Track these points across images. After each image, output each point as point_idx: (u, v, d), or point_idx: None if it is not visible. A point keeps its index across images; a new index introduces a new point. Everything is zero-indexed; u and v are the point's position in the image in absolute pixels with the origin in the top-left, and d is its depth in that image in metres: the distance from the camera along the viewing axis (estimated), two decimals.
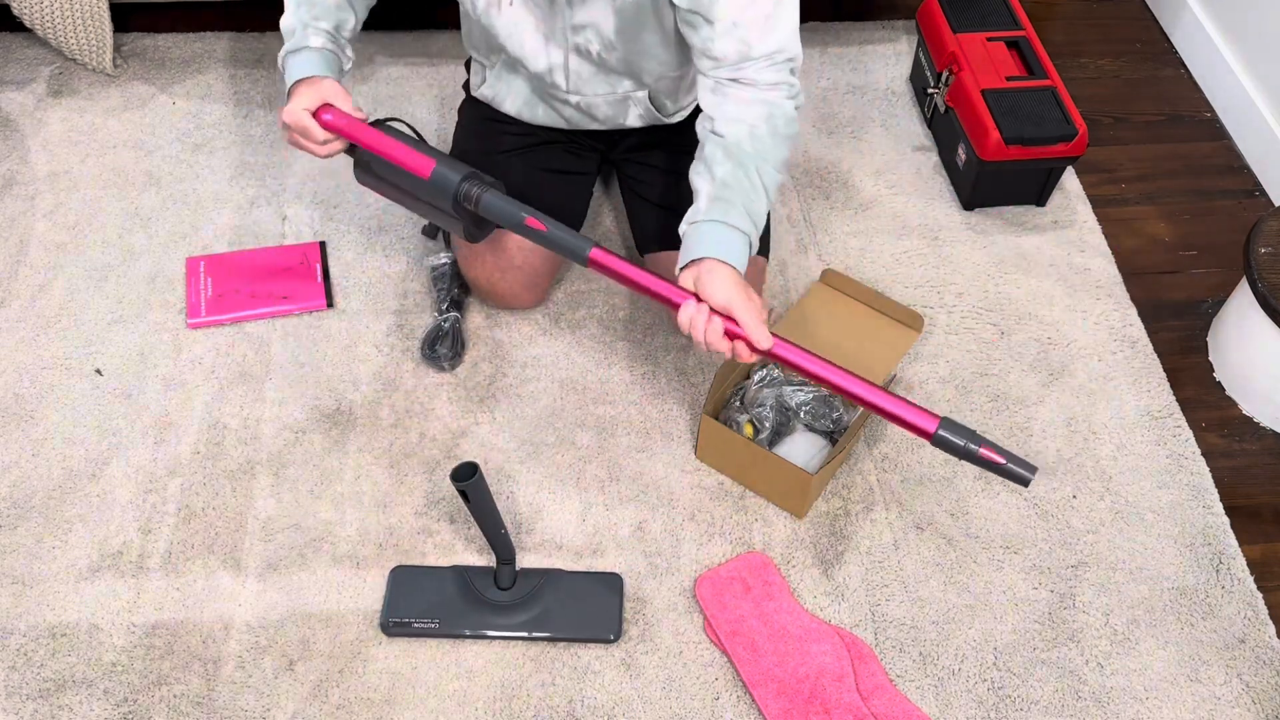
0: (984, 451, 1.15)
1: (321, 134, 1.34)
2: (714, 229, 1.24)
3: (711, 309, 1.20)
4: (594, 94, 1.47)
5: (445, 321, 1.61)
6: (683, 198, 1.51)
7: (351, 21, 1.41)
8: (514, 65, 1.47)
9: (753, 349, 1.21)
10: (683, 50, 1.40)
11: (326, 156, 1.37)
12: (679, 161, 1.54)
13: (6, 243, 1.73)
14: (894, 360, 1.56)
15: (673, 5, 1.30)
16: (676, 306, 1.23)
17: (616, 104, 1.50)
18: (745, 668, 1.32)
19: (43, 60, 2.00)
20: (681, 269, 1.25)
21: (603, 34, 1.37)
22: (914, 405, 1.19)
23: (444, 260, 1.68)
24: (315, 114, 1.34)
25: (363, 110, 1.39)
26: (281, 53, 1.38)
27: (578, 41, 1.38)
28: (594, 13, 1.34)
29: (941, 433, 1.16)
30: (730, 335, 1.21)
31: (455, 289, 1.66)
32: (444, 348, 1.59)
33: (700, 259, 1.22)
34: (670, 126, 1.57)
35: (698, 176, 1.30)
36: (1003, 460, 1.14)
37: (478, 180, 1.34)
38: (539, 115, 1.55)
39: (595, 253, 1.27)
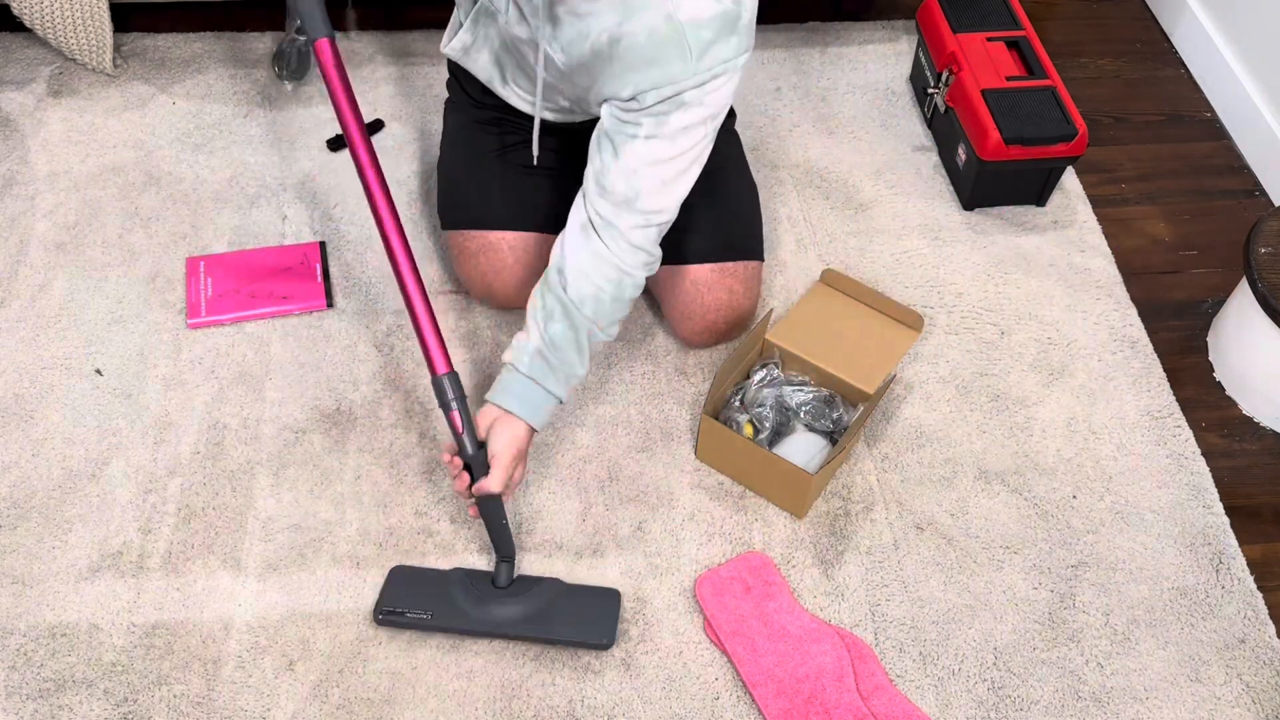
0: (452, 415, 1.30)
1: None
2: (530, 388, 1.33)
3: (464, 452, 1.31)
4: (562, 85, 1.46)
5: (290, 45, 1.89)
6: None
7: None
8: (492, 14, 1.45)
9: (467, 492, 1.32)
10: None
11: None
12: None
13: (6, 243, 1.73)
14: (894, 360, 1.56)
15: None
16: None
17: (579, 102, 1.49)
18: (745, 667, 1.32)
19: (43, 60, 2.00)
20: (488, 399, 1.34)
21: (557, 57, 1.37)
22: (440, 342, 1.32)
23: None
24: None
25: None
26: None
27: (550, 36, 1.38)
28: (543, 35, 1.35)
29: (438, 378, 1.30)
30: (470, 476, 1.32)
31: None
32: (282, 67, 1.88)
33: (507, 410, 1.32)
34: None
35: (531, 316, 1.36)
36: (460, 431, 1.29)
37: None
38: (510, 80, 1.53)
39: (323, 43, 1.31)
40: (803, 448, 1.47)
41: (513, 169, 1.59)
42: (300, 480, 1.48)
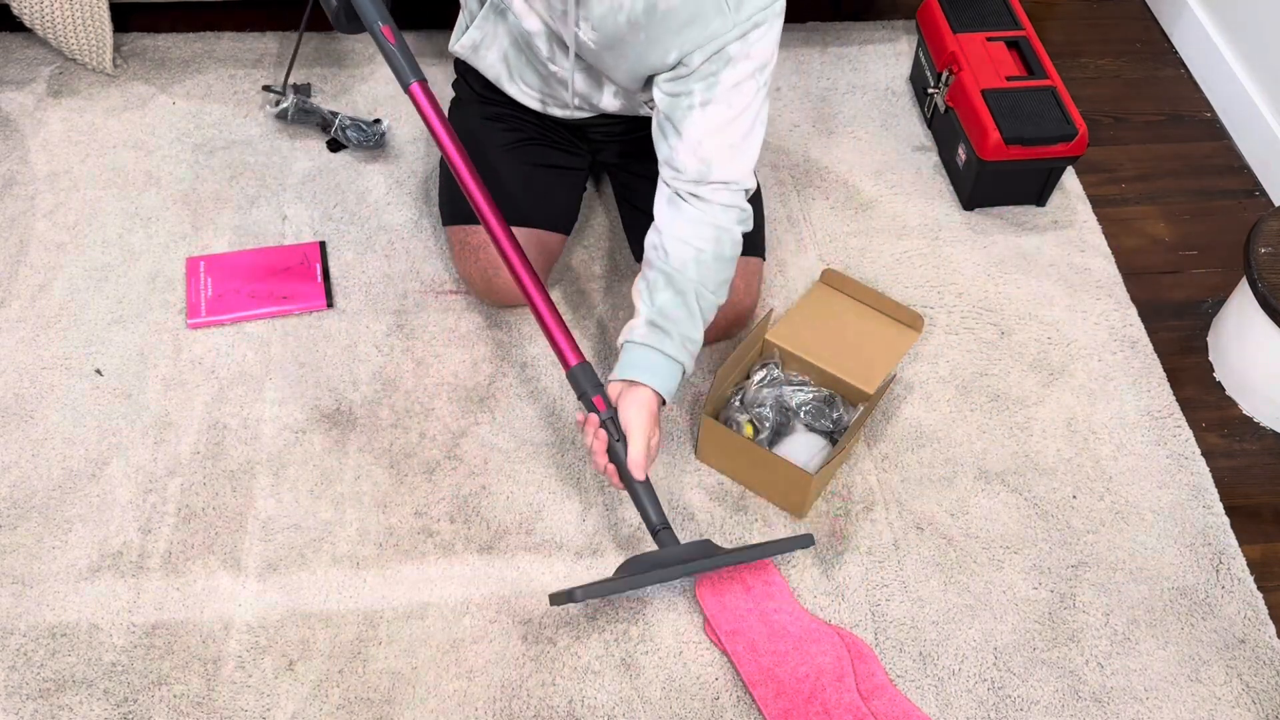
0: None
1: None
2: (650, 355, 1.32)
3: (606, 425, 1.31)
4: (571, 68, 1.47)
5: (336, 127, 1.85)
6: None
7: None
8: (502, 11, 1.45)
9: (619, 478, 1.31)
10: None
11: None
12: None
13: (6, 243, 1.72)
14: (894, 360, 1.56)
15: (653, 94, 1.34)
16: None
17: (592, 81, 1.50)
18: (745, 667, 1.32)
19: (43, 60, 2.00)
20: (611, 380, 1.33)
21: (588, 37, 1.36)
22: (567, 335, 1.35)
23: (285, 105, 1.85)
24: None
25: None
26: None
27: (577, 18, 1.37)
28: (566, 30, 1.36)
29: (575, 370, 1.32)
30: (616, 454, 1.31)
31: (312, 106, 1.85)
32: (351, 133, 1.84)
33: (633, 381, 1.31)
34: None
35: (638, 295, 1.36)
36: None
37: None
38: (516, 77, 1.53)
39: (416, 87, 1.37)
40: (803, 447, 1.47)
41: (518, 165, 1.59)
42: (300, 480, 1.48)
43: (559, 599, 1.27)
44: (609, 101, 1.52)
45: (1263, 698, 1.35)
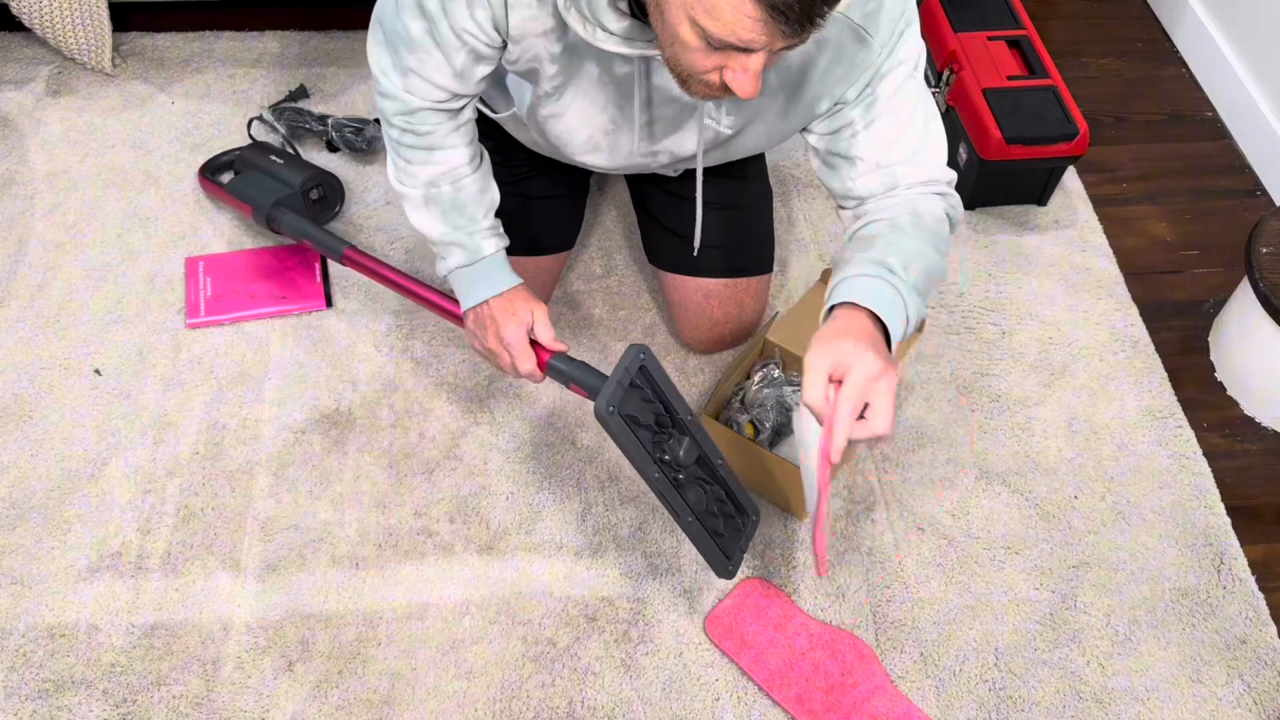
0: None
1: (532, 356, 1.30)
2: (865, 283, 1.09)
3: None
4: (613, 168, 1.38)
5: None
6: (690, 223, 1.48)
7: (496, 192, 1.34)
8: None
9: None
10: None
11: (527, 376, 1.31)
12: (688, 187, 1.50)
13: (5, 243, 1.72)
14: (896, 359, 1.55)
15: (808, 144, 1.23)
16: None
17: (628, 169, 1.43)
18: (779, 695, 1.31)
19: (42, 60, 2.00)
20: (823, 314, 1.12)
21: (677, 155, 1.29)
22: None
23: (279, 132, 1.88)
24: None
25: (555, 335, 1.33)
26: (447, 267, 1.32)
27: (653, 151, 1.29)
28: (677, 141, 1.26)
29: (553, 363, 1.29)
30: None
31: (299, 120, 1.88)
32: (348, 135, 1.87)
33: (847, 303, 1.08)
34: None
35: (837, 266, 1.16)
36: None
37: (282, 210, 1.64)
38: (542, 150, 1.45)
39: (348, 251, 1.50)
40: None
41: (525, 201, 1.54)
42: (300, 480, 1.48)
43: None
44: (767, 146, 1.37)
45: (1264, 698, 1.34)
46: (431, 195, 1.30)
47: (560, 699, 1.31)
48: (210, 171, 1.80)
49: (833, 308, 1.09)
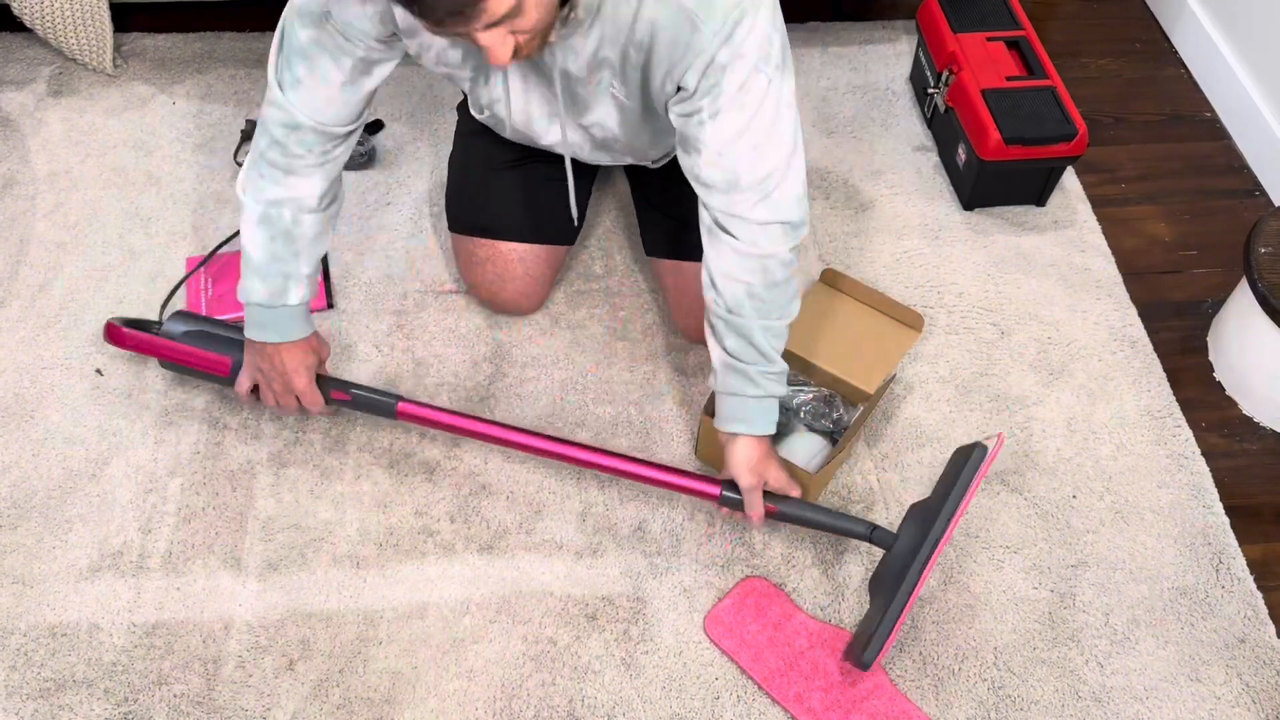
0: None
1: (321, 399, 1.40)
2: (736, 403, 1.32)
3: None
4: (592, 159, 1.48)
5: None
6: (692, 208, 1.50)
7: (327, 246, 1.39)
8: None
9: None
10: None
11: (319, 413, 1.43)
12: (679, 170, 1.52)
13: (7, 243, 1.73)
14: (894, 360, 1.56)
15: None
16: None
17: (613, 163, 1.53)
18: (778, 694, 1.31)
19: (43, 60, 2.00)
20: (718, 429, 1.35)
21: (608, 128, 1.36)
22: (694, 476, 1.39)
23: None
24: (115, 336, 1.47)
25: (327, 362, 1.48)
26: (247, 295, 1.34)
27: (584, 126, 1.37)
28: (600, 114, 1.33)
29: (725, 493, 1.36)
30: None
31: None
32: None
33: (732, 434, 1.32)
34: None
35: (710, 339, 1.34)
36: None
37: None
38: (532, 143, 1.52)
39: (403, 405, 1.42)
40: (803, 447, 1.47)
41: (526, 180, 1.58)
42: (301, 480, 1.48)
43: (864, 661, 1.25)
44: (626, 164, 1.55)
45: (1263, 697, 1.35)
46: (269, 215, 1.32)
47: (560, 698, 1.31)
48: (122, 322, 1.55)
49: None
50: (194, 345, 1.44)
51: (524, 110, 1.37)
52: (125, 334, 1.46)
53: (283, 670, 1.31)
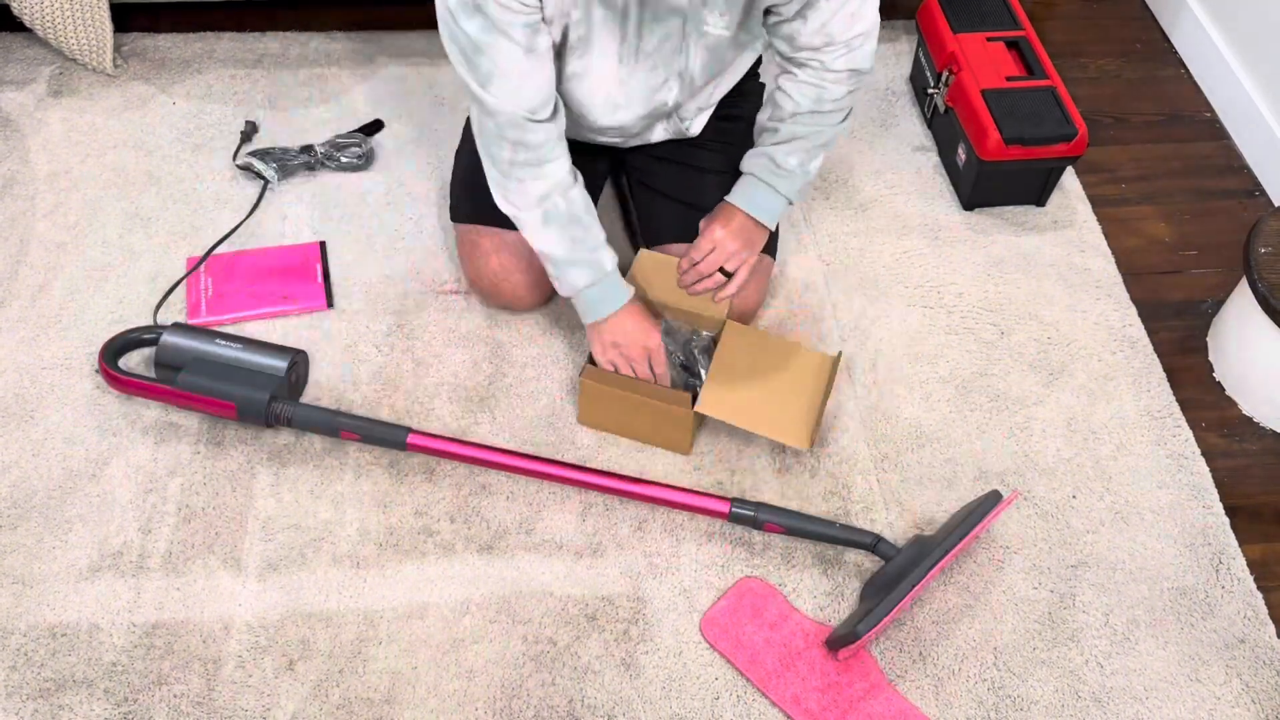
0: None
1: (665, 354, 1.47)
2: (753, 186, 1.45)
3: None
4: (638, 131, 1.53)
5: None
6: (693, 189, 1.51)
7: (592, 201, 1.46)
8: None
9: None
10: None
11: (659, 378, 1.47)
12: (687, 153, 1.55)
13: (7, 243, 1.73)
14: (819, 388, 1.48)
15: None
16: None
17: (646, 127, 1.52)
18: (774, 694, 1.31)
19: (43, 60, 2.00)
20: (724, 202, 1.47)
21: (685, 75, 1.42)
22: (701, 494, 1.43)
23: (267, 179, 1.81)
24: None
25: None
26: (573, 288, 1.43)
27: (658, 93, 1.44)
28: (684, 62, 1.40)
29: (735, 510, 1.40)
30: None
31: (285, 161, 1.81)
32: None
33: (735, 206, 1.45)
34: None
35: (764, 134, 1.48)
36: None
37: (282, 401, 1.47)
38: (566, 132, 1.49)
39: (412, 438, 1.44)
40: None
41: None
42: (300, 480, 1.48)
43: (838, 643, 1.31)
44: (658, 137, 1.57)
45: (1262, 698, 1.35)
46: (549, 213, 1.39)
47: (560, 698, 1.31)
48: (114, 355, 1.53)
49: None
50: (196, 384, 1.46)
51: (603, 86, 1.41)
52: (121, 380, 1.49)
53: (282, 670, 1.32)
